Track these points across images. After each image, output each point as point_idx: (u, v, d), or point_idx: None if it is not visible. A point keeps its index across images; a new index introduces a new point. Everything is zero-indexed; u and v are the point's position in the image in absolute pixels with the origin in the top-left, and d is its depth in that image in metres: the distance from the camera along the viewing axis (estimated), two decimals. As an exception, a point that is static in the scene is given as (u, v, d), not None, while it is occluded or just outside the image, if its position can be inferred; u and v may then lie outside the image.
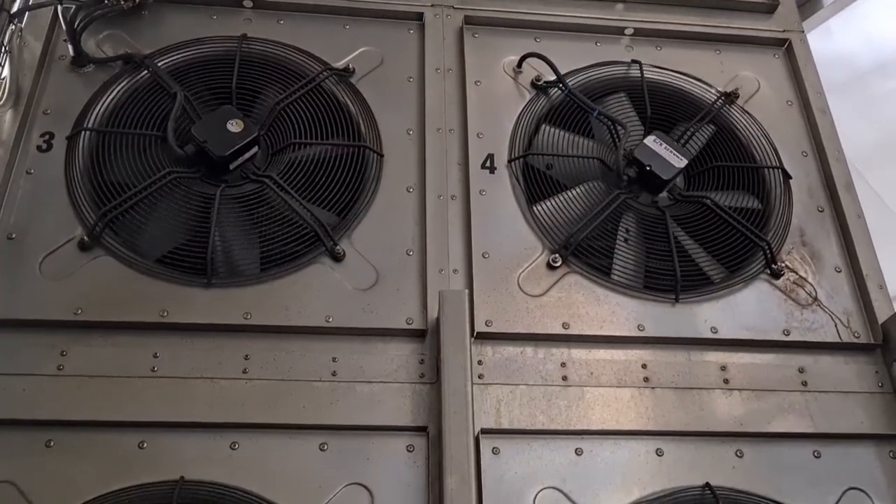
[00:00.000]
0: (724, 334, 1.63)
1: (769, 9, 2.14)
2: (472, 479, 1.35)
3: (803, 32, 2.13)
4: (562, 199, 1.77)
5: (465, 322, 1.47)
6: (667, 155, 1.75)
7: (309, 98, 1.79)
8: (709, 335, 1.63)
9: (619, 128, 1.84)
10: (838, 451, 1.56)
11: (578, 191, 1.78)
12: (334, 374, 1.50)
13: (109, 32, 1.85)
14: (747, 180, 1.87)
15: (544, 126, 1.87)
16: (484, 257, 1.65)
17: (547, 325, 1.59)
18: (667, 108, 1.95)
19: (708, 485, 1.47)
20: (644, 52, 2.03)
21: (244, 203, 1.64)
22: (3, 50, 1.73)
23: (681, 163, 1.75)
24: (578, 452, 1.49)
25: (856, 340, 1.66)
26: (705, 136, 1.92)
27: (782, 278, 1.73)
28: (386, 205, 1.71)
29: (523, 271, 1.65)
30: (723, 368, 1.61)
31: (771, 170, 1.87)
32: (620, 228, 1.75)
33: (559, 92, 1.91)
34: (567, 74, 1.93)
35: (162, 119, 1.70)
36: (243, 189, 1.66)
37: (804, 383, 1.61)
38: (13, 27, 1.77)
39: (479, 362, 1.54)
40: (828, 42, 3.52)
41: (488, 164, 1.79)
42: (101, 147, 1.67)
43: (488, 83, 1.91)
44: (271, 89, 1.82)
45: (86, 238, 1.55)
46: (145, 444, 1.40)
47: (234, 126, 1.64)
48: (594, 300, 1.64)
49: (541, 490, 1.44)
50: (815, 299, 1.71)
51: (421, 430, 1.46)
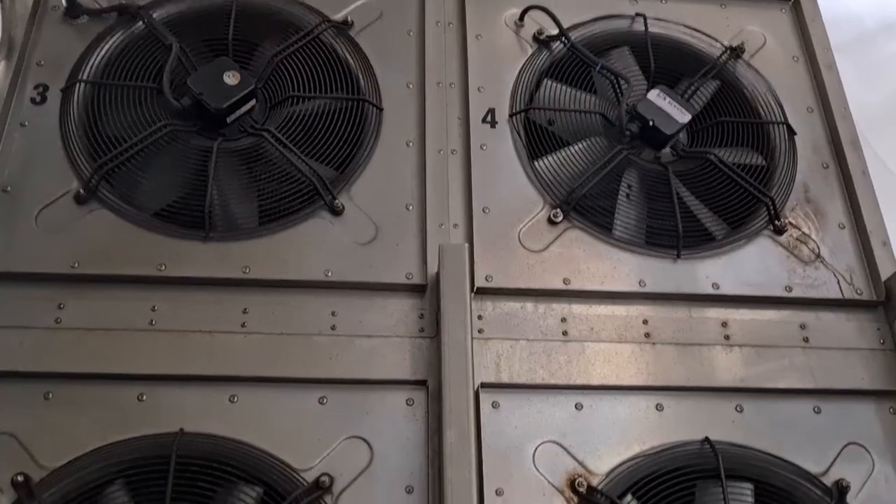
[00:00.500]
0: (726, 290, 1.62)
1: (776, -38, 2.10)
2: (471, 433, 1.35)
3: (811, -13, 2.09)
4: (563, 154, 1.74)
5: (465, 276, 1.46)
6: (670, 109, 1.73)
7: (307, 51, 1.76)
8: (710, 291, 1.62)
9: (622, 82, 1.82)
10: (838, 406, 1.55)
11: (580, 146, 1.76)
12: (333, 328, 1.49)
13: (103, -17, 1.82)
14: (752, 136, 1.85)
15: (546, 81, 1.84)
16: (484, 212, 1.64)
17: (547, 280, 1.58)
18: (671, 62, 1.91)
19: (707, 439, 1.47)
20: (648, 5, 1.99)
21: (242, 157, 1.62)
22: (-6, 0, 1.70)
23: (684, 117, 1.72)
24: (578, 407, 1.49)
25: (858, 297, 1.65)
26: (710, 92, 1.89)
27: (785, 235, 1.71)
28: (385, 159, 1.69)
29: (524, 226, 1.64)
30: (724, 324, 1.60)
31: (776, 125, 1.85)
32: (622, 184, 1.73)
33: (561, 46, 1.88)
34: (570, 28, 1.90)
35: (157, 71, 1.67)
36: (241, 143, 1.63)
37: (805, 340, 1.60)
38: (5, -23, 1.74)
39: (479, 317, 1.53)
40: (833, 0, 3.45)
41: (489, 119, 1.76)
42: (96, 99, 1.65)
43: (489, 37, 1.87)
44: (269, 42, 1.79)
45: (82, 191, 1.54)
46: (144, 397, 1.40)
47: (231, 78, 1.62)
48: (595, 256, 1.63)
49: (540, 444, 1.44)
50: (818, 256, 1.70)
51: (420, 383, 1.45)
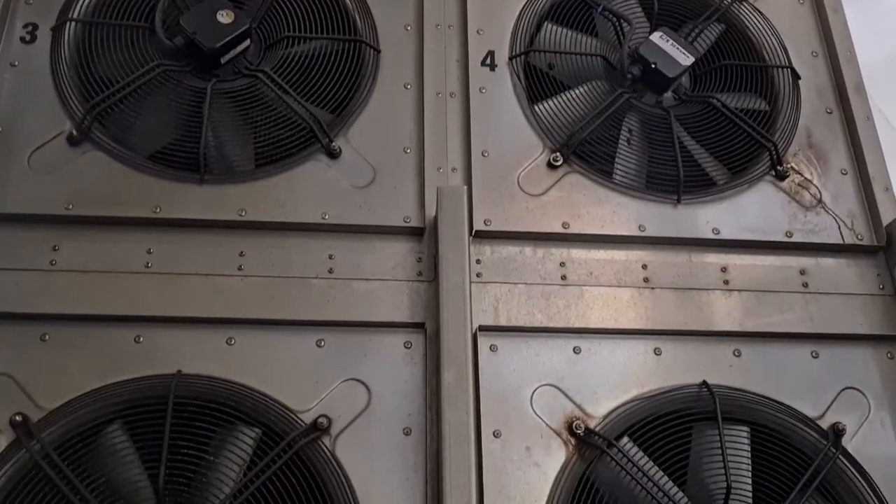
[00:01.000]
0: (726, 235, 1.61)
1: None
2: (469, 374, 1.35)
3: (817, -72, 2.04)
4: (564, 98, 1.72)
5: (464, 218, 1.45)
6: (673, 52, 1.69)
7: (303, -10, 1.72)
8: (710, 236, 1.61)
9: (623, 24, 1.78)
10: (836, 351, 1.55)
11: (581, 90, 1.73)
12: (331, 271, 1.48)
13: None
14: (755, 81, 1.82)
15: (547, 23, 1.80)
16: (483, 156, 1.62)
17: (547, 224, 1.57)
18: (674, 4, 1.87)
19: (705, 383, 1.48)
20: (652, -54, 1.95)
21: (237, 98, 1.59)
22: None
23: (687, 60, 1.69)
24: (576, 351, 1.49)
25: (859, 243, 1.64)
26: (714, 35, 1.86)
27: (787, 180, 1.69)
28: (383, 102, 1.66)
29: (523, 170, 1.62)
30: (723, 269, 1.59)
31: (780, 69, 1.82)
32: (623, 129, 1.71)
33: (563, -13, 1.84)
34: (571, -32, 1.86)
35: (150, 10, 1.64)
36: (235, 84, 1.60)
37: (805, 285, 1.60)
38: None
39: (478, 261, 1.52)
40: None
41: (488, 62, 1.73)
42: (87, 39, 1.61)
43: (489, -23, 1.83)
44: (263, -19, 1.75)
45: (74, 132, 1.51)
46: (141, 339, 1.40)
47: (225, 17, 1.58)
48: (595, 200, 1.61)
49: (538, 387, 1.44)
50: (820, 201, 1.68)
51: (418, 326, 1.45)
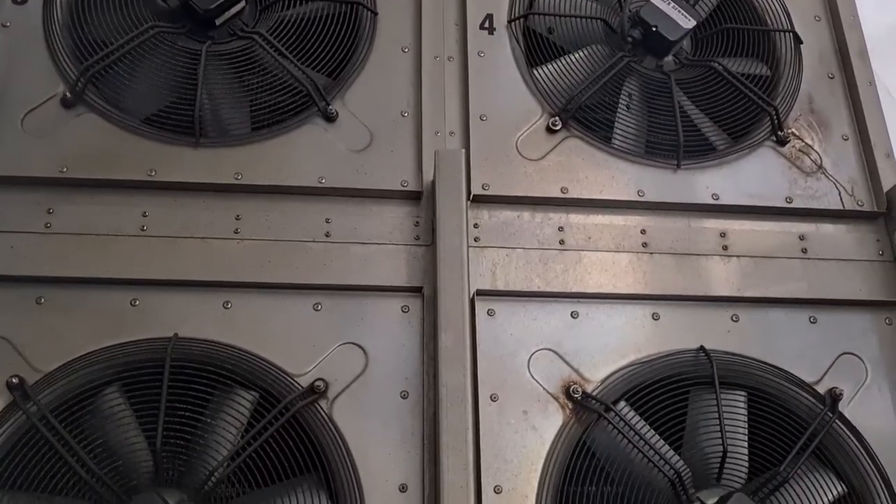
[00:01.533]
0: (726, 200, 1.60)
1: None
2: (466, 337, 1.35)
3: None
4: (563, 62, 1.70)
5: (462, 181, 1.44)
6: (675, 15, 1.67)
7: (299, -49, 1.69)
8: (710, 201, 1.60)
9: (624, -14, 1.76)
10: (834, 317, 1.55)
11: (581, 54, 1.71)
12: (328, 234, 1.47)
13: None
14: (757, 45, 1.80)
15: (546, -14, 1.78)
16: (481, 120, 1.60)
17: (545, 188, 1.56)
18: (676, -33, 1.85)
19: (702, 348, 1.47)
20: None
21: (232, 61, 1.57)
22: None
23: (689, 23, 1.67)
24: (574, 315, 1.48)
25: (859, 208, 1.63)
26: (715, -1, 1.83)
27: (788, 145, 1.68)
28: (380, 65, 1.64)
29: (522, 134, 1.60)
30: (722, 235, 1.58)
31: (782, 34, 1.80)
32: (623, 93, 1.69)
33: (563, -51, 1.81)
34: (571, -71, 1.82)
35: (144, -29, 1.61)
36: (230, 46, 1.58)
37: (804, 250, 1.59)
38: None
39: (476, 225, 1.51)
40: None
41: (487, 25, 1.71)
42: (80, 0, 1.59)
43: (488, -61, 1.80)
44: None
45: (68, 94, 1.49)
46: (137, 302, 1.39)
47: (220, -22, 1.55)
48: (594, 165, 1.60)
49: (535, 351, 1.44)
50: (820, 167, 1.67)
51: (416, 290, 1.44)
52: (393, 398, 1.37)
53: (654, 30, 1.66)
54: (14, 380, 1.29)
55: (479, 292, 1.45)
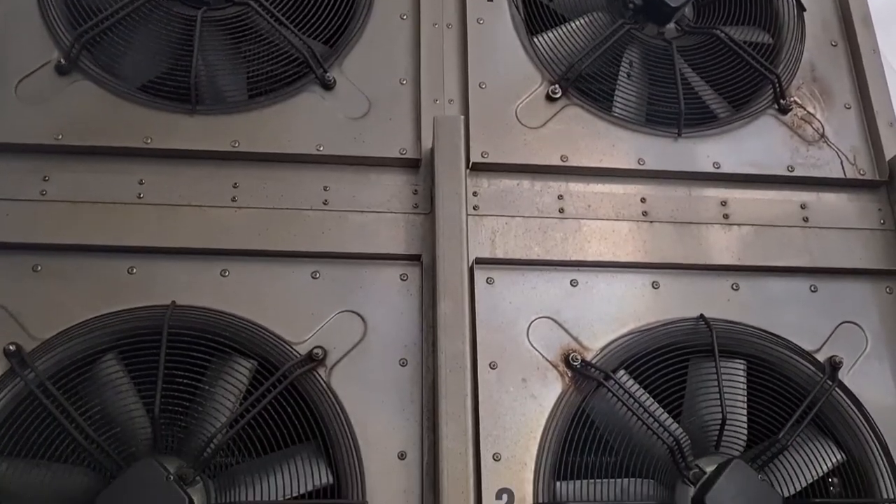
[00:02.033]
0: (727, 169, 1.59)
1: None
2: (465, 305, 1.34)
3: None
4: (564, 30, 1.68)
5: (461, 149, 1.43)
6: (676, -20, 1.65)
7: (295, -84, 1.67)
8: (711, 170, 1.59)
9: (626, -47, 1.73)
10: (835, 286, 1.54)
11: (581, 21, 1.69)
12: (326, 202, 1.46)
13: None
14: (759, 13, 1.78)
15: (547, -48, 1.76)
16: (481, 88, 1.58)
17: (545, 157, 1.55)
18: (678, -67, 1.82)
19: (702, 316, 1.47)
20: None
21: (228, 27, 1.55)
22: None
23: (690, -10, 1.65)
24: (574, 284, 1.47)
25: (861, 177, 1.62)
26: (718, -35, 1.81)
27: (790, 114, 1.67)
28: (378, 33, 1.62)
29: (521, 102, 1.59)
30: (723, 203, 1.57)
31: (784, 1, 1.77)
32: (624, 61, 1.67)
33: (563, -86, 1.79)
34: None
35: (138, -65, 1.59)
36: (226, 12, 1.56)
37: (805, 219, 1.58)
38: None
39: (475, 194, 1.50)
40: None
41: (486, -8, 1.69)
42: (73, -35, 1.57)
43: None
44: None
45: (62, 61, 1.48)
46: (135, 270, 1.38)
47: (215, -57, 1.53)
48: (594, 133, 1.59)
49: (535, 319, 1.43)
50: (822, 135, 1.66)
51: (414, 258, 1.44)
52: (392, 366, 1.37)
53: (656, -5, 1.64)
54: (11, 347, 1.29)
55: (478, 260, 1.44)
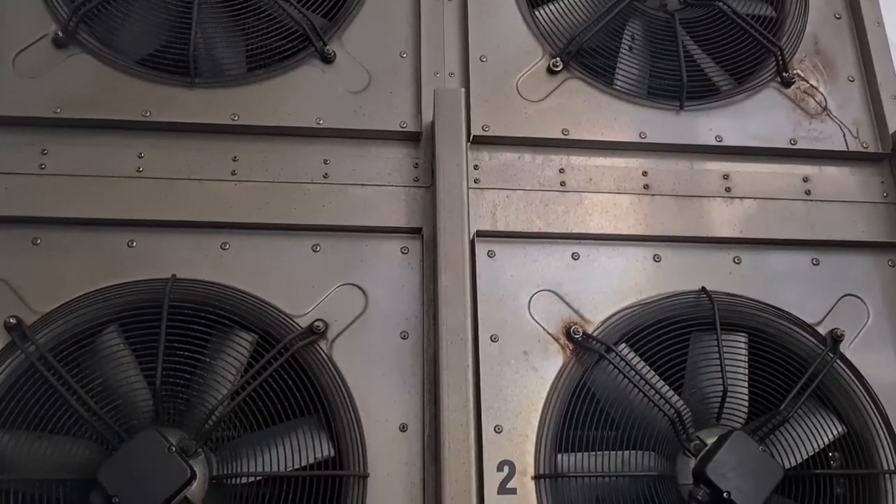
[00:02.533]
0: (729, 142, 1.58)
1: None
2: (466, 277, 1.34)
3: None
4: (565, 2, 1.66)
5: (461, 120, 1.42)
6: (678, -48, 1.64)
7: None
8: (713, 143, 1.58)
9: (628, -77, 1.71)
10: (837, 259, 1.54)
11: (583, -6, 1.68)
12: (326, 176, 1.46)
13: None
14: (763, -16, 1.76)
15: (548, -77, 1.74)
16: (482, 61, 1.57)
17: (546, 130, 1.54)
18: None
19: (704, 289, 1.46)
20: None
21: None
22: None
23: (693, -39, 1.63)
24: (575, 257, 1.47)
25: (864, 150, 1.61)
26: (721, -64, 1.79)
27: (793, 87, 1.65)
28: (378, 6, 1.60)
29: (522, 76, 1.58)
30: (725, 177, 1.57)
31: (788, -27, 1.76)
32: (626, 34, 1.66)
33: None
34: None
35: None
36: (225, -16, 1.55)
37: (807, 192, 1.57)
38: None
39: (476, 167, 1.50)
40: None
41: (487, -37, 1.67)
42: (70, -64, 1.55)
43: None
44: None
45: (60, 34, 1.46)
46: (134, 243, 1.38)
47: (213, -87, 1.52)
48: (595, 106, 1.58)
49: (536, 292, 1.43)
50: (825, 109, 1.65)
51: (415, 231, 1.43)
52: (393, 339, 1.37)
53: (658, -33, 1.63)
54: (11, 320, 1.29)
55: (480, 233, 1.44)
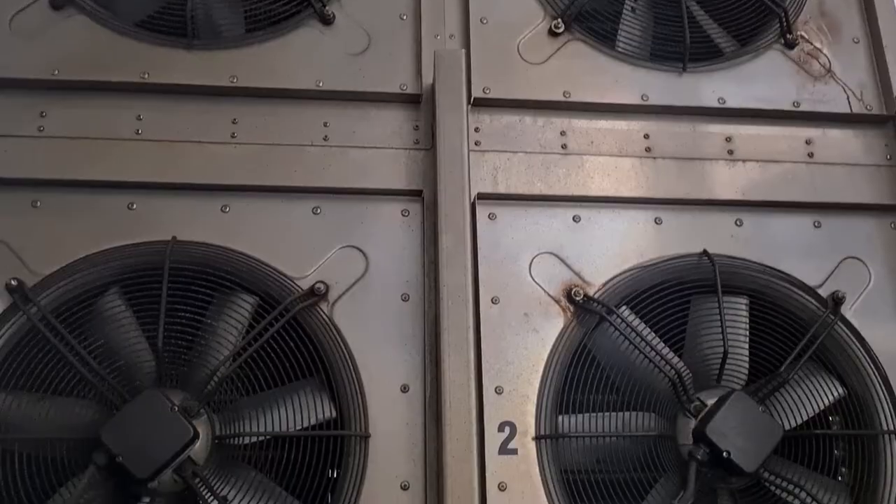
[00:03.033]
0: (732, 104, 1.57)
1: None
2: (467, 238, 1.34)
3: None
4: (567, -36, 1.65)
5: (462, 82, 1.41)
6: (682, -89, 1.61)
7: None
8: (715, 105, 1.57)
9: None
10: (839, 221, 1.54)
11: (585, -44, 1.65)
12: (326, 138, 1.45)
13: None
14: (766, -54, 1.74)
15: None
16: (482, 23, 1.56)
17: (547, 92, 1.53)
18: None
19: (705, 251, 1.46)
20: None
21: (225, -40, 1.53)
22: None
23: (697, -80, 1.61)
24: (576, 219, 1.47)
25: (868, 112, 1.60)
26: None
27: (796, 49, 1.64)
28: (378, -34, 1.59)
29: (524, 38, 1.56)
30: (728, 139, 1.56)
31: (793, -67, 1.73)
32: (628, -4, 1.64)
33: None
34: None
35: None
36: (223, -55, 1.53)
37: (810, 155, 1.57)
38: None
39: (476, 129, 1.49)
40: None
41: (487, -76, 1.65)
42: None
43: None
44: None
45: (56, -5, 1.45)
46: (134, 206, 1.38)
47: None
48: (597, 69, 1.57)
49: (537, 255, 1.43)
50: (829, 71, 1.63)
51: (416, 194, 1.43)
52: (394, 301, 1.37)
53: (661, -73, 1.61)
54: (13, 282, 1.29)
55: (480, 196, 1.43)
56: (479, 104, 1.50)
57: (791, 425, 1.40)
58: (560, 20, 1.57)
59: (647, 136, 1.54)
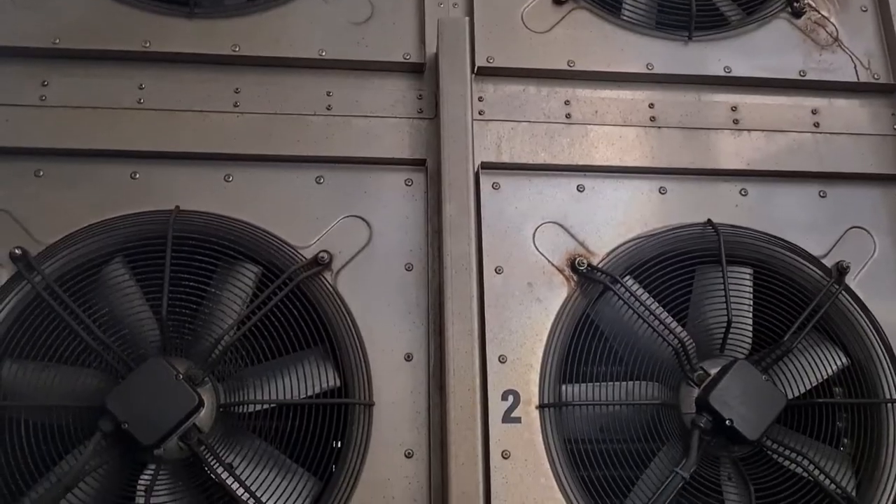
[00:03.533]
0: (738, 73, 1.56)
1: None
2: (471, 207, 1.33)
3: None
4: (571, -69, 1.63)
5: (466, 50, 1.40)
6: None
7: None
8: (721, 74, 1.55)
9: None
10: (844, 191, 1.53)
11: (590, -77, 1.63)
12: (329, 108, 1.44)
13: None
14: (774, -87, 1.71)
15: None
16: (485, -10, 1.55)
17: (551, 61, 1.52)
18: None
19: (710, 221, 1.46)
20: None
21: (226, -72, 1.51)
22: None
23: None
24: (580, 189, 1.46)
25: (874, 81, 1.59)
26: None
27: (803, 17, 1.62)
28: (380, -67, 1.57)
29: (527, 6, 1.55)
30: (733, 109, 1.55)
31: None
32: (633, -37, 1.63)
33: None
34: None
35: None
36: (224, -88, 1.52)
37: (816, 125, 1.56)
38: None
39: (480, 99, 1.48)
40: None
41: None
42: None
43: None
44: None
45: (57, -38, 1.44)
46: (137, 175, 1.37)
47: None
48: (602, 38, 1.55)
49: (541, 224, 1.42)
50: (836, 39, 1.62)
51: (419, 163, 1.42)
52: (398, 270, 1.37)
53: None
54: (17, 251, 1.29)
55: (484, 165, 1.43)
56: (483, 73, 1.49)
57: (794, 394, 1.41)
58: (564, -12, 1.56)
59: (651, 106, 1.53)
